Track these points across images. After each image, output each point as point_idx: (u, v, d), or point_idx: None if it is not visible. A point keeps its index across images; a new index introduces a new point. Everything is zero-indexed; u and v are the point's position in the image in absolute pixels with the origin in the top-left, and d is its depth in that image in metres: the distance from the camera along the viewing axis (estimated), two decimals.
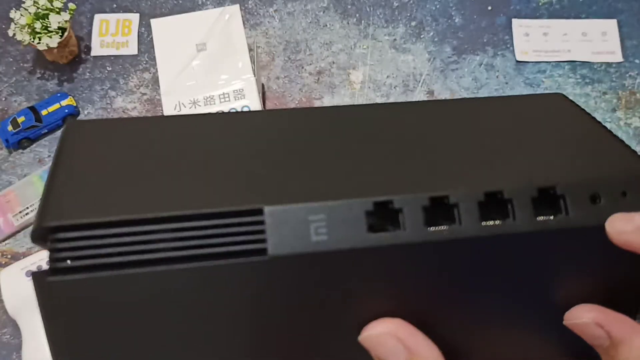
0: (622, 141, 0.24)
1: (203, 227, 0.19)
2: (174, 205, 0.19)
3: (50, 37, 0.71)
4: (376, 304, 0.21)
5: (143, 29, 0.80)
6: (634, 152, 0.23)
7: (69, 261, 0.19)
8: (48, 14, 0.72)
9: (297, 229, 0.19)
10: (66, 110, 0.74)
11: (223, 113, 0.26)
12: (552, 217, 0.21)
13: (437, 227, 0.20)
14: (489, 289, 0.22)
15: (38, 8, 0.71)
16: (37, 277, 0.19)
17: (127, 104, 0.76)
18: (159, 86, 0.71)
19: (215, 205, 0.19)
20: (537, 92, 0.75)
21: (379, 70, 0.78)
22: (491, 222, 0.20)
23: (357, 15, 0.81)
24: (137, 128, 0.24)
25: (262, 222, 0.19)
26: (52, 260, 0.19)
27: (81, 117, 0.76)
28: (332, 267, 0.20)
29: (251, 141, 0.24)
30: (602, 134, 0.25)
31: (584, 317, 0.21)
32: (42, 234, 0.19)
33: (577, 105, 0.27)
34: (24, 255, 0.67)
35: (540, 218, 0.21)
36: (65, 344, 0.19)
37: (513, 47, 0.78)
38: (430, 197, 0.20)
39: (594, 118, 0.26)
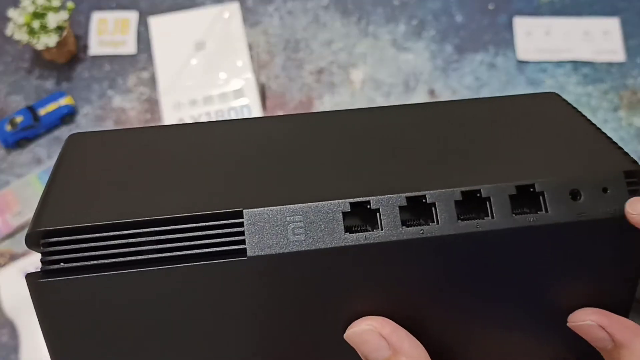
0: (609, 138, 0.24)
1: (185, 229, 0.20)
2: (159, 210, 0.20)
3: (49, 36, 0.71)
4: (359, 303, 0.21)
5: (142, 27, 0.80)
6: (620, 149, 0.24)
7: (62, 263, 0.20)
8: (46, 13, 0.71)
9: (275, 230, 0.20)
10: (64, 110, 0.74)
11: (210, 122, 0.29)
12: (531, 214, 0.21)
13: (414, 227, 0.21)
14: (471, 288, 0.22)
15: (36, 7, 0.71)
16: (31, 278, 0.20)
17: (125, 103, 0.76)
18: (157, 85, 0.71)
19: (197, 209, 0.20)
20: (538, 91, 0.75)
21: (379, 69, 0.77)
22: (469, 221, 0.21)
23: (358, 13, 0.81)
24: (130, 139, 0.25)
25: (241, 224, 0.20)
26: (44, 262, 0.20)
27: (79, 116, 0.75)
28: (310, 267, 0.20)
29: (234, 148, 0.25)
30: (591, 132, 0.25)
31: (587, 320, 0.22)
32: (34, 239, 0.20)
33: (570, 104, 0.27)
34: (23, 255, 0.67)
35: (519, 215, 0.21)
36: (60, 342, 0.20)
37: (514, 46, 0.78)
38: (407, 197, 0.21)
39: (584, 116, 0.26)
